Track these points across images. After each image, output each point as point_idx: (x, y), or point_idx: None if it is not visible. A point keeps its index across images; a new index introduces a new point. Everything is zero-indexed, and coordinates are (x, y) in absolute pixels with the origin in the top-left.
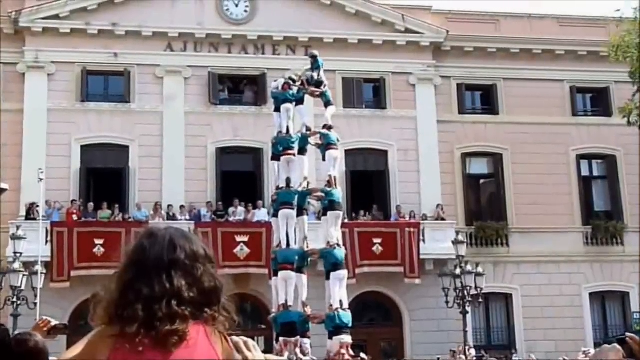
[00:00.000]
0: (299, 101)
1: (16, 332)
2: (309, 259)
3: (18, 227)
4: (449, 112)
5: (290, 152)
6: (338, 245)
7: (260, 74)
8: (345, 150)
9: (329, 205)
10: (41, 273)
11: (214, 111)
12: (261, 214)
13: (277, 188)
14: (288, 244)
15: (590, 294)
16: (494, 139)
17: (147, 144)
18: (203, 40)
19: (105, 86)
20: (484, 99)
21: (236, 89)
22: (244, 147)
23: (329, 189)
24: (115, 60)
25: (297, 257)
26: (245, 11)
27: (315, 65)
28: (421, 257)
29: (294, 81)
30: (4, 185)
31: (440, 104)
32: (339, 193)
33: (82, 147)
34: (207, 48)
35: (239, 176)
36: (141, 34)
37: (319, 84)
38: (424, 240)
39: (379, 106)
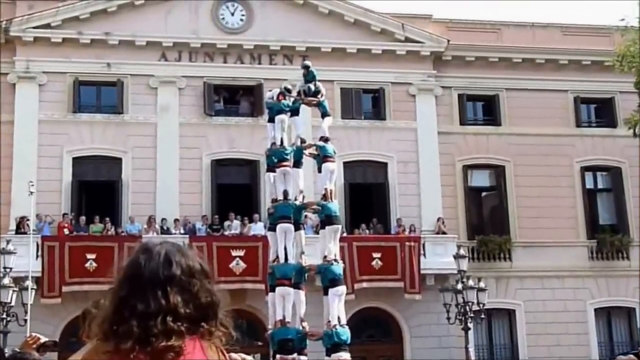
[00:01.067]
0: (295, 112)
1: (12, 350)
2: (307, 275)
3: (8, 242)
4: (449, 123)
5: (285, 163)
6: (336, 260)
7: (257, 84)
8: (344, 163)
9: (326, 219)
10: (31, 289)
11: (209, 122)
12: (257, 228)
13: (274, 201)
14: (286, 259)
15: (596, 309)
16: (496, 150)
17: (141, 156)
18: (198, 49)
19: (97, 97)
20: (485, 109)
21: (232, 99)
22: (239, 159)
23: (325, 202)
24: (108, 70)
25: (294, 273)
26: (241, 20)
27: (309, 77)
28: (422, 272)
29: (290, 91)
30: None
31: (441, 115)
32: (336, 206)
33: (74, 159)
34: (202, 58)
35: (234, 189)
36: (134, 44)
37: (316, 93)
38: (424, 255)
39: (378, 117)
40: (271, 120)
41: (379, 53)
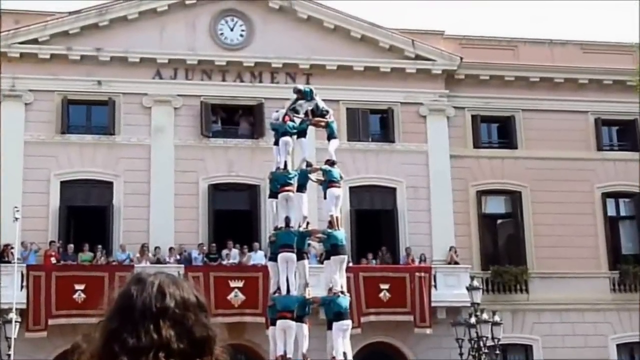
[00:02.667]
0: (301, 133)
1: None
2: (310, 307)
3: None
4: (462, 146)
5: (288, 188)
6: (342, 292)
7: (257, 104)
8: (350, 188)
9: (332, 248)
10: (15, 321)
11: (207, 144)
12: (257, 257)
13: (276, 228)
14: (288, 290)
15: (618, 345)
16: (512, 175)
17: (133, 180)
18: (195, 66)
19: (87, 117)
20: (501, 131)
21: (231, 120)
22: (239, 183)
23: (330, 230)
24: (99, 89)
25: (297, 305)
26: (241, 35)
27: (307, 98)
28: (433, 304)
29: (297, 112)
30: None
31: (454, 137)
32: (343, 234)
33: (62, 183)
34: (200, 75)
35: (233, 215)
36: (127, 60)
37: (323, 114)
38: (435, 286)
39: (387, 139)
40: (277, 143)
41: (387, 71)
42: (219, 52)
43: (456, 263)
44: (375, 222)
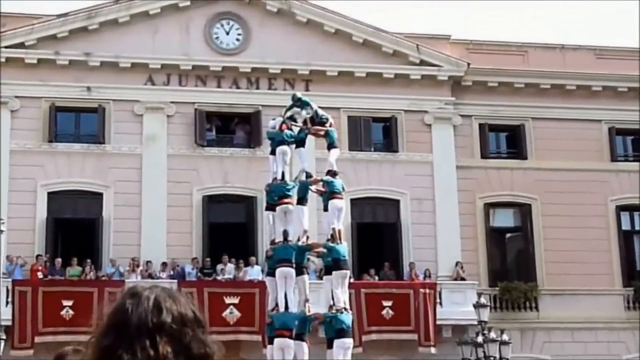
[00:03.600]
0: (300, 143)
1: None
2: (310, 325)
3: None
4: (469, 156)
5: (286, 200)
6: (345, 309)
7: (254, 112)
8: (351, 200)
9: (334, 263)
10: (0, 339)
11: (201, 153)
12: (254, 272)
13: (273, 242)
14: (286, 307)
15: None
16: (521, 187)
17: (124, 191)
18: (189, 72)
19: (76, 124)
20: (510, 141)
21: (226, 128)
22: (234, 195)
23: (332, 244)
24: (88, 95)
25: (296, 323)
26: (237, 40)
27: (303, 105)
28: (438, 322)
29: (295, 120)
30: None
31: (460, 147)
32: (345, 248)
33: (49, 194)
34: (194, 81)
35: (228, 228)
36: (118, 65)
37: (323, 122)
38: (440, 303)
39: (390, 149)
40: (273, 152)
41: (391, 77)
42: (214, 57)
43: (462, 279)
44: (377, 235)
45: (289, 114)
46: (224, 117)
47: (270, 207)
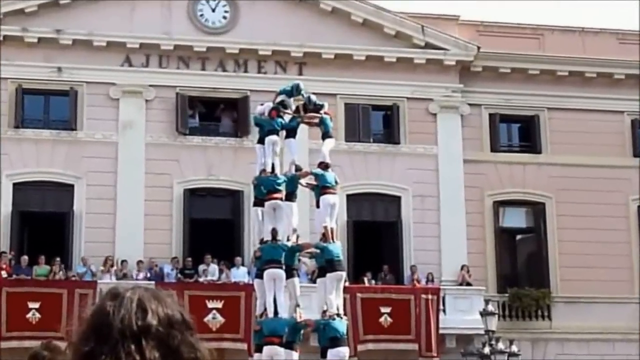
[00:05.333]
0: (291, 132)
1: None
2: (302, 332)
3: None
4: (478, 149)
5: (276, 195)
6: (339, 315)
7: (242, 97)
8: (347, 196)
9: (327, 264)
10: None
11: (183, 142)
12: (239, 274)
13: (261, 242)
14: (276, 313)
15: None
16: (534, 184)
17: (97, 183)
18: (170, 53)
19: (45, 109)
20: (522, 133)
21: (211, 115)
22: (219, 188)
23: (324, 244)
24: (59, 77)
25: (286, 329)
26: (224, 17)
27: (292, 94)
28: (441, 331)
29: (286, 107)
30: None
31: (468, 139)
32: (339, 248)
33: (14, 185)
34: (175, 63)
35: (212, 225)
36: (92, 44)
37: (317, 108)
38: (444, 311)
39: (391, 140)
40: (261, 141)
41: (392, 61)
42: (198, 36)
43: (468, 284)
44: (376, 235)
45: (279, 98)
46: (208, 102)
47: (259, 202)
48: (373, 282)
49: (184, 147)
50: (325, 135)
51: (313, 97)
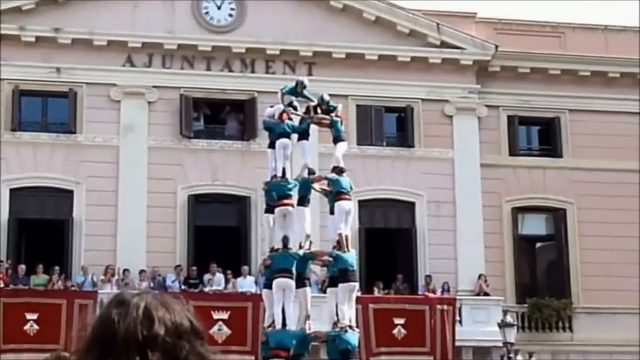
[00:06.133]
0: (302, 135)
1: None
2: (311, 345)
3: None
4: (496, 153)
5: (287, 201)
6: (351, 327)
7: (249, 99)
8: (360, 202)
9: (340, 274)
10: None
11: (187, 146)
12: (246, 283)
13: (272, 250)
14: (284, 324)
15: None
16: (555, 189)
17: (98, 189)
18: (174, 52)
19: (43, 111)
20: (542, 136)
21: (216, 117)
22: (225, 194)
23: (339, 252)
24: (58, 77)
25: (295, 342)
26: (230, 15)
27: (295, 92)
28: (457, 343)
29: (296, 108)
30: None
31: (486, 142)
32: (354, 257)
33: (11, 191)
34: (179, 63)
35: (218, 233)
36: (92, 43)
37: (330, 109)
38: (460, 322)
39: (405, 144)
40: (272, 145)
41: (406, 61)
42: (203, 35)
43: (486, 294)
44: (389, 243)
45: (286, 99)
46: (213, 104)
47: (270, 209)
48: (386, 292)
49: (188, 151)
50: (337, 139)
51: (326, 97)
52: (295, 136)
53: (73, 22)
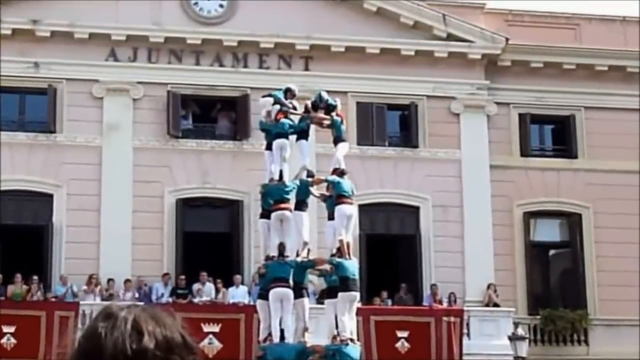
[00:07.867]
0: (301, 134)
1: None
2: (310, 359)
3: None
4: (506, 153)
5: (283, 205)
6: (352, 340)
7: (241, 95)
8: (360, 206)
9: (341, 282)
10: None
11: (175, 147)
12: (239, 294)
13: (267, 258)
14: (282, 337)
15: None
16: (569, 192)
17: (79, 192)
18: (160, 46)
19: (20, 109)
20: (556, 135)
21: (206, 115)
22: (215, 198)
23: (339, 260)
24: (36, 73)
25: (293, 356)
26: (221, 6)
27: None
28: (464, 357)
29: (295, 107)
30: None
31: (495, 142)
32: (355, 265)
33: None
34: (166, 57)
35: (208, 240)
36: (73, 36)
37: (329, 108)
38: (468, 335)
39: (408, 144)
40: (269, 147)
41: (410, 55)
42: (192, 27)
43: (496, 305)
44: (391, 250)
45: (274, 109)
46: (203, 101)
47: (266, 214)
48: (389, 302)
49: (176, 152)
50: (338, 139)
51: (325, 95)
52: (293, 136)
53: (52, 14)
